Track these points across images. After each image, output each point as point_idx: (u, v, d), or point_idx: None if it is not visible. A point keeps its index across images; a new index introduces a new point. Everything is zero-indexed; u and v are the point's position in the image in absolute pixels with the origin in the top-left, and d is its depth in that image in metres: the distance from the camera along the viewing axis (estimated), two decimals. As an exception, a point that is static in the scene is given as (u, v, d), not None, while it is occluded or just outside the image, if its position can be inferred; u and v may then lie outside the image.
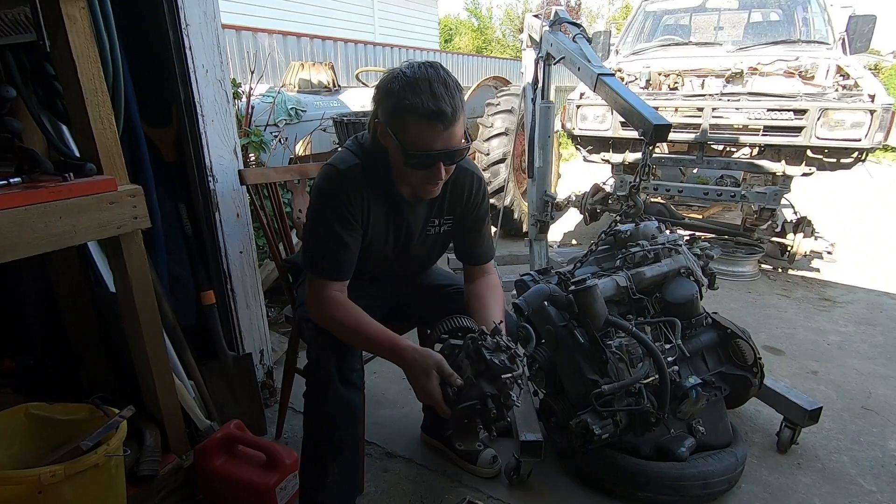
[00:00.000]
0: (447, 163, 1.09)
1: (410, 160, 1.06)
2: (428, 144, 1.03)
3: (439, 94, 0.99)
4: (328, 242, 1.14)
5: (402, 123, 1.03)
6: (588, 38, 2.17)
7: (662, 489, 1.37)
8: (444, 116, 1.00)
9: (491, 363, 1.00)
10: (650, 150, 1.60)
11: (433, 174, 1.09)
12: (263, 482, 1.31)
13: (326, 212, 1.14)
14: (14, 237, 0.94)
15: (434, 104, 0.99)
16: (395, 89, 1.01)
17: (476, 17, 21.34)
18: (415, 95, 0.99)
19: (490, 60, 12.05)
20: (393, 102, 1.02)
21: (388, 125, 1.06)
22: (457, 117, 1.03)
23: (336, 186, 1.13)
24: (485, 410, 0.98)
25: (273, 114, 3.15)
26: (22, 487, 0.96)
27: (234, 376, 1.67)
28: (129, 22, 1.36)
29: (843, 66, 2.97)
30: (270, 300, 2.52)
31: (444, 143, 1.04)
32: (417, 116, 1.00)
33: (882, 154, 8.13)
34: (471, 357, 1.03)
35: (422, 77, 1.00)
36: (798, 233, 2.97)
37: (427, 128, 1.01)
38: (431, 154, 1.04)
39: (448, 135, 1.03)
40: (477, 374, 1.01)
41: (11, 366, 1.48)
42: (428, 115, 0.99)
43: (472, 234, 1.34)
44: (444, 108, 0.99)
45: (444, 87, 1.00)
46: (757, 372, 1.53)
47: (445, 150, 1.05)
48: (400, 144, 1.04)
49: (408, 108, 1.00)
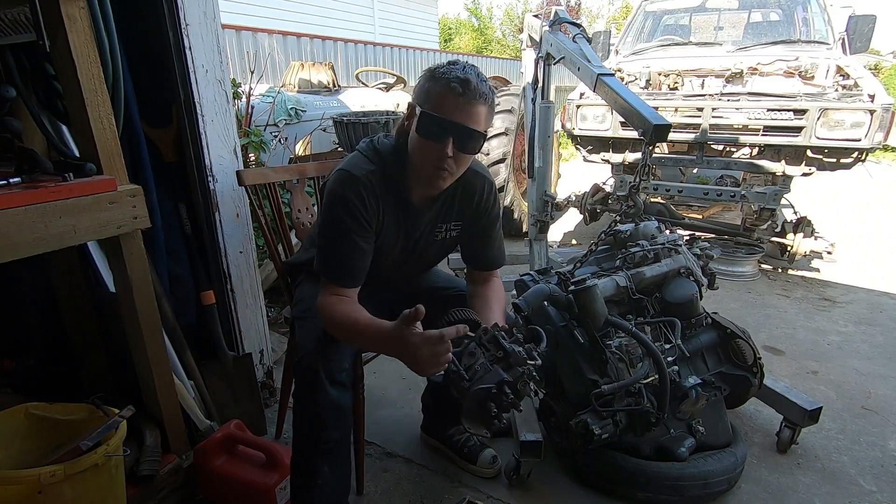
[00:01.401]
0: (458, 141, 1.07)
1: (423, 124, 1.07)
2: (445, 109, 1.05)
3: (471, 75, 1.06)
4: (344, 248, 1.13)
5: (428, 92, 1.07)
6: (588, 38, 2.17)
7: (662, 489, 1.37)
8: (467, 85, 1.04)
9: (511, 351, 1.01)
10: (650, 150, 1.60)
11: (441, 151, 1.07)
12: (263, 482, 1.31)
13: (343, 218, 1.12)
14: (14, 237, 0.94)
15: (462, 75, 1.04)
16: (433, 70, 1.09)
17: (476, 18, 21.35)
18: (449, 71, 1.06)
19: (490, 60, 12.04)
20: (427, 77, 1.09)
21: (416, 99, 1.10)
22: (479, 96, 1.05)
23: (352, 192, 1.12)
24: (500, 395, 0.98)
25: (273, 114, 3.15)
26: (22, 487, 0.96)
27: (234, 376, 1.67)
28: (129, 22, 1.36)
29: (843, 66, 2.97)
30: (270, 300, 2.52)
31: (460, 114, 1.05)
32: (444, 81, 1.05)
33: (882, 154, 8.13)
34: (484, 346, 1.04)
35: (461, 64, 1.08)
36: (798, 233, 2.97)
37: (449, 91, 1.04)
38: (444, 121, 1.05)
39: (466, 107, 1.05)
40: (493, 361, 1.02)
41: (11, 366, 1.48)
42: (453, 80, 1.04)
43: (483, 238, 1.33)
44: (470, 79, 1.04)
45: (476, 75, 1.07)
46: (757, 372, 1.53)
47: (460, 124, 1.06)
48: (419, 112, 1.07)
49: (437, 77, 1.06)
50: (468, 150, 1.10)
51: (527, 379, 1.01)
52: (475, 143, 1.10)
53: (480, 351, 1.03)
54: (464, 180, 1.22)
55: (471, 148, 1.10)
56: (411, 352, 0.96)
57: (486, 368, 1.00)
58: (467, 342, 1.04)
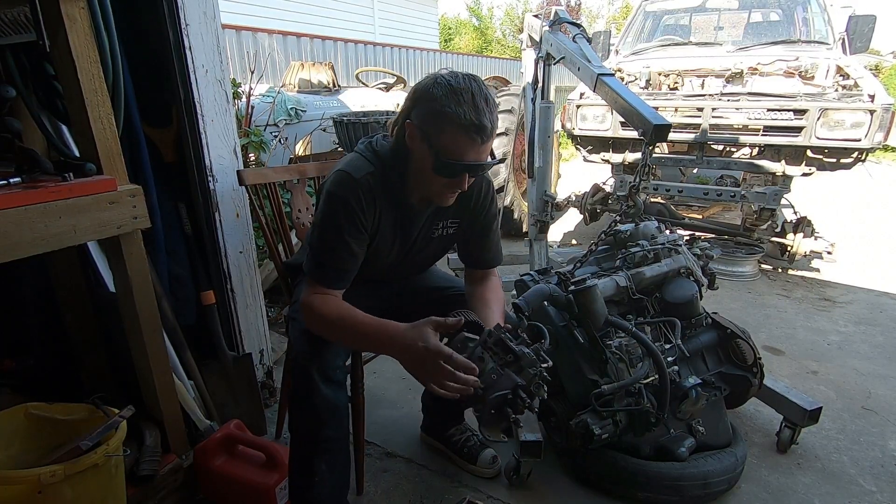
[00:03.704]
0: (472, 175, 1.11)
1: (439, 167, 1.06)
2: (461, 154, 1.04)
3: (481, 109, 1.01)
4: (336, 250, 1.13)
5: (440, 130, 1.03)
6: (588, 38, 2.17)
7: (662, 489, 1.37)
8: (483, 131, 1.02)
9: (521, 354, 1.01)
10: (650, 150, 1.60)
11: (456, 184, 1.10)
12: (263, 482, 1.31)
13: (338, 220, 1.12)
14: (14, 237, 0.94)
15: (476, 117, 1.00)
16: (436, 95, 1.02)
17: (477, 18, 21.35)
18: (458, 105, 1.00)
19: (490, 60, 12.04)
20: (433, 107, 1.02)
21: (423, 128, 1.06)
22: (493, 134, 1.06)
23: (350, 194, 1.12)
24: (516, 400, 0.98)
25: (273, 114, 3.15)
26: (22, 487, 0.96)
27: (234, 376, 1.67)
28: (129, 22, 1.36)
29: (843, 66, 2.97)
30: (270, 300, 2.53)
31: (476, 155, 1.05)
32: (457, 126, 1.01)
33: (882, 154, 8.13)
34: (491, 349, 1.03)
35: (466, 88, 1.01)
36: (798, 233, 2.97)
37: (465, 139, 1.02)
38: (461, 164, 1.05)
39: (482, 149, 1.05)
40: (504, 365, 1.02)
41: (11, 366, 1.48)
42: (468, 126, 1.00)
43: (480, 237, 1.33)
44: (484, 123, 1.01)
45: (485, 103, 1.02)
46: (757, 372, 1.53)
47: (476, 163, 1.06)
48: (431, 149, 1.05)
49: (449, 116, 1.00)
50: (480, 175, 1.15)
51: (539, 381, 1.00)
52: (488, 169, 1.14)
53: (488, 355, 1.03)
54: None
55: (483, 173, 1.15)
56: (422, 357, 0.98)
57: (498, 373, 1.00)
58: (473, 346, 1.04)
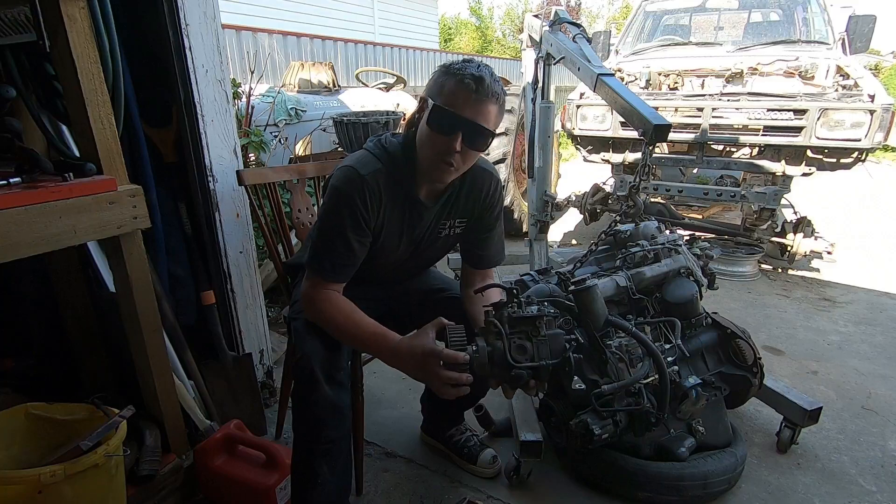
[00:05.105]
0: (467, 136, 1.08)
1: (434, 116, 1.08)
2: (457, 103, 1.06)
3: (485, 73, 1.07)
4: (337, 245, 1.14)
5: (441, 86, 1.08)
6: (588, 38, 2.17)
7: (662, 489, 1.37)
8: (481, 83, 1.05)
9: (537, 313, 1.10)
10: (650, 150, 1.60)
11: (449, 146, 1.08)
12: (263, 482, 1.31)
13: (341, 214, 1.13)
14: (14, 237, 0.94)
15: (476, 73, 1.05)
16: (448, 66, 1.10)
17: (477, 18, 21.35)
18: (464, 67, 1.07)
19: (490, 60, 12.05)
20: (442, 71, 1.10)
21: (428, 92, 1.11)
22: (491, 94, 1.07)
23: (355, 190, 1.12)
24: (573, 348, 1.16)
25: (273, 114, 3.15)
26: (22, 487, 0.96)
27: (234, 376, 1.67)
28: (129, 22, 1.36)
29: (843, 66, 2.97)
30: (270, 300, 2.52)
31: (471, 111, 1.06)
32: (457, 77, 1.06)
33: (882, 154, 8.12)
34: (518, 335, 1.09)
35: (476, 63, 1.09)
36: (798, 233, 2.97)
37: (462, 87, 1.05)
38: (455, 116, 1.06)
39: (477, 105, 1.06)
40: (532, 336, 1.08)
41: (11, 366, 1.48)
42: (466, 76, 1.05)
43: (484, 236, 1.33)
44: (483, 77, 1.05)
45: (490, 75, 1.07)
46: (757, 372, 1.53)
47: (470, 120, 1.07)
48: (431, 105, 1.08)
49: (452, 72, 1.07)
50: (476, 146, 1.11)
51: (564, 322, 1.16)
52: (483, 141, 1.11)
53: (515, 338, 1.07)
54: (470, 176, 1.23)
55: (478, 144, 1.11)
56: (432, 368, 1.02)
57: (540, 341, 1.08)
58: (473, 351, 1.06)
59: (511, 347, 1.06)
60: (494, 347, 1.06)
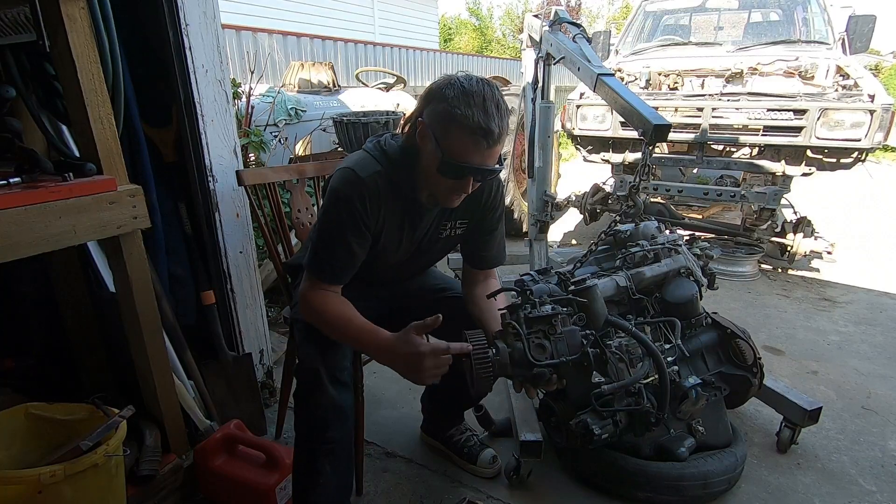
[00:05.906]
0: (477, 179, 1.10)
1: (444, 167, 1.06)
2: (466, 157, 1.04)
3: (491, 113, 1.01)
4: (336, 248, 1.14)
5: (447, 130, 1.03)
6: (588, 38, 2.16)
7: (662, 489, 1.37)
8: (490, 135, 1.02)
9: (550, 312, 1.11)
10: (650, 150, 1.60)
11: (460, 186, 1.09)
12: (263, 482, 1.31)
13: (340, 218, 1.12)
14: (14, 237, 0.94)
15: (484, 120, 1.00)
16: (448, 95, 1.02)
17: (477, 18, 21.35)
18: (467, 107, 1.00)
19: (490, 60, 12.05)
20: (444, 107, 1.02)
21: (432, 128, 1.06)
22: (501, 139, 1.05)
23: (354, 193, 1.11)
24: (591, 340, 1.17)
25: (273, 114, 3.15)
26: (22, 487, 0.96)
27: (234, 376, 1.67)
28: (129, 22, 1.36)
29: (843, 66, 2.97)
30: (270, 300, 2.52)
31: (481, 159, 1.05)
32: (464, 127, 1.01)
33: (882, 154, 8.12)
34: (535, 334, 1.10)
35: (478, 91, 1.01)
36: (798, 233, 2.97)
37: (470, 141, 1.02)
38: (466, 167, 1.05)
39: (488, 153, 1.05)
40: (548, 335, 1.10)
41: (11, 366, 1.48)
42: (475, 129, 1.00)
43: (486, 237, 1.33)
44: (492, 127, 1.01)
45: (496, 108, 1.02)
46: (757, 372, 1.53)
47: (481, 167, 1.06)
48: (438, 148, 1.05)
49: (457, 117, 1.00)
50: (486, 180, 1.16)
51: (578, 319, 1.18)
52: (494, 175, 1.14)
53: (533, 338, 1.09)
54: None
55: (489, 178, 1.15)
56: (415, 362, 1.00)
57: (558, 338, 1.10)
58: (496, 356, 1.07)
59: (530, 347, 1.07)
60: (514, 348, 1.07)
